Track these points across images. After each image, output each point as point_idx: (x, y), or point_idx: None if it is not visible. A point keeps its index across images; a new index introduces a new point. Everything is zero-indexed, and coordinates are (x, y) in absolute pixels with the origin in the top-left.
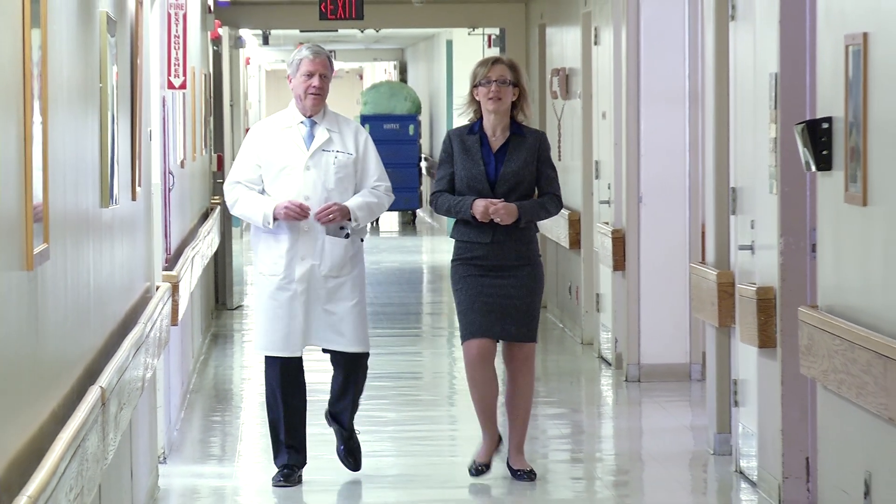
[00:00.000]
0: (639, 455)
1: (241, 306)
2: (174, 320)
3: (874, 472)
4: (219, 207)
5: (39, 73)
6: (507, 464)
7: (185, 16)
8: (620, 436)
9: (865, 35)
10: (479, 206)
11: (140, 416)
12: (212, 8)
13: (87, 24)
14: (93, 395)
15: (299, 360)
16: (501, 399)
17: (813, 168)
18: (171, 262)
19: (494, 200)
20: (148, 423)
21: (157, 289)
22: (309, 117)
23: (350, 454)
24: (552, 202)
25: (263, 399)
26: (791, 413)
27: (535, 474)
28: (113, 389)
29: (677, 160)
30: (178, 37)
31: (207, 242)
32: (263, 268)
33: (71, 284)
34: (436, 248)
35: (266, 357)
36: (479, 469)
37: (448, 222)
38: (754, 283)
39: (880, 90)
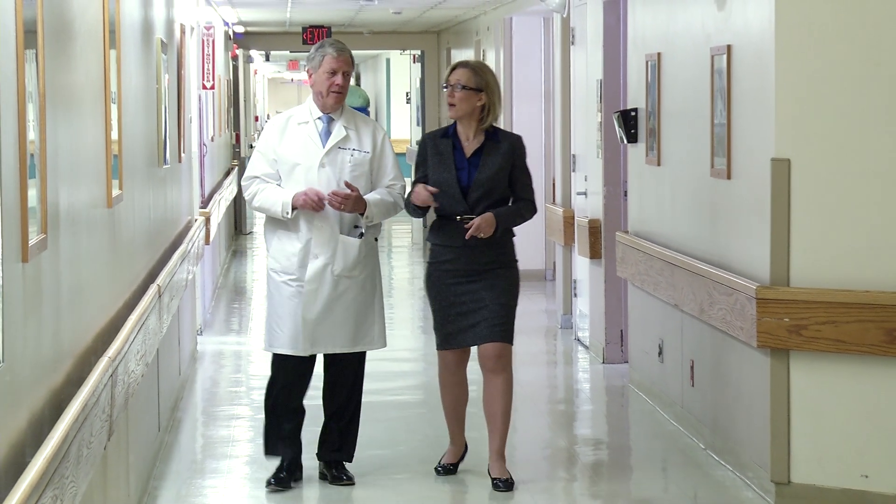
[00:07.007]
0: None
1: (251, 232)
2: (207, 241)
3: (665, 339)
4: (237, 167)
5: (116, 79)
6: (488, 470)
7: (213, 41)
8: None
9: (659, 54)
10: (418, 192)
11: (184, 304)
12: (231, 36)
13: (148, 46)
14: (152, 290)
15: (309, 361)
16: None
17: (625, 141)
18: (205, 202)
19: (469, 216)
20: (190, 309)
21: (196, 220)
22: (327, 114)
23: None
24: (527, 208)
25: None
26: (611, 301)
27: (512, 483)
28: (166, 286)
29: (536, 136)
30: (209, 55)
31: (229, 190)
32: (275, 265)
33: (137, 218)
34: None
35: (274, 354)
36: (447, 469)
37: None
38: (587, 217)
39: (668, 90)
